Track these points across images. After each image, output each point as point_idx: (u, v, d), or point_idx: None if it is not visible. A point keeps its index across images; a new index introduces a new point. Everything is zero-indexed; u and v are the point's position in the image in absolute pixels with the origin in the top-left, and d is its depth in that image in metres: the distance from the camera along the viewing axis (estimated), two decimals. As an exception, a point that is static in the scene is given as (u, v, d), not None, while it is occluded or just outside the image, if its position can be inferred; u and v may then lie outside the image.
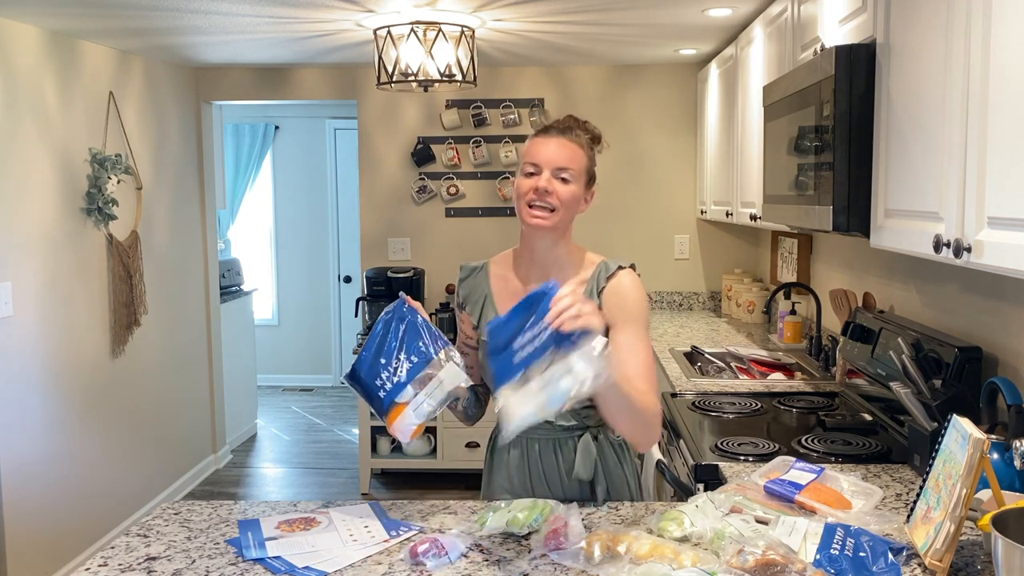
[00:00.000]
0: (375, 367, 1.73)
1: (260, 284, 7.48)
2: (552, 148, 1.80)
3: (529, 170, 1.81)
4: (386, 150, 5.14)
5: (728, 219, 3.99)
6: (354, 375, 1.76)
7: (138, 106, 4.50)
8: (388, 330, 1.75)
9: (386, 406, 1.72)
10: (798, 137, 2.39)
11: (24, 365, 3.55)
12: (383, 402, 1.72)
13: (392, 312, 1.76)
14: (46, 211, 3.69)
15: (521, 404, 1.45)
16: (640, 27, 3.86)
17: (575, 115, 1.89)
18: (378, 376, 1.73)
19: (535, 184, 1.79)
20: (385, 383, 1.72)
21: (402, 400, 1.71)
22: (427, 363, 1.72)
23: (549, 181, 1.78)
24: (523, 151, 1.86)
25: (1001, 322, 2.09)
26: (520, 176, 1.83)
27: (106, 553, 1.61)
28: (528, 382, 1.45)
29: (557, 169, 1.79)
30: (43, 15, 3.43)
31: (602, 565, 1.48)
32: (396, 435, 1.74)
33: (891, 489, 1.92)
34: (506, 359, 1.48)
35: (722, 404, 2.75)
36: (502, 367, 1.49)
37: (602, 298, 1.82)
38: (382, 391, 1.72)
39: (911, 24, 1.82)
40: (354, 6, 3.35)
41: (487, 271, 1.96)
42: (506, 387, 1.48)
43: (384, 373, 1.72)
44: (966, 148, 1.56)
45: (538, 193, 1.78)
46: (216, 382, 5.38)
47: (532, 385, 1.45)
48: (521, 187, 1.81)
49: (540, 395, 1.44)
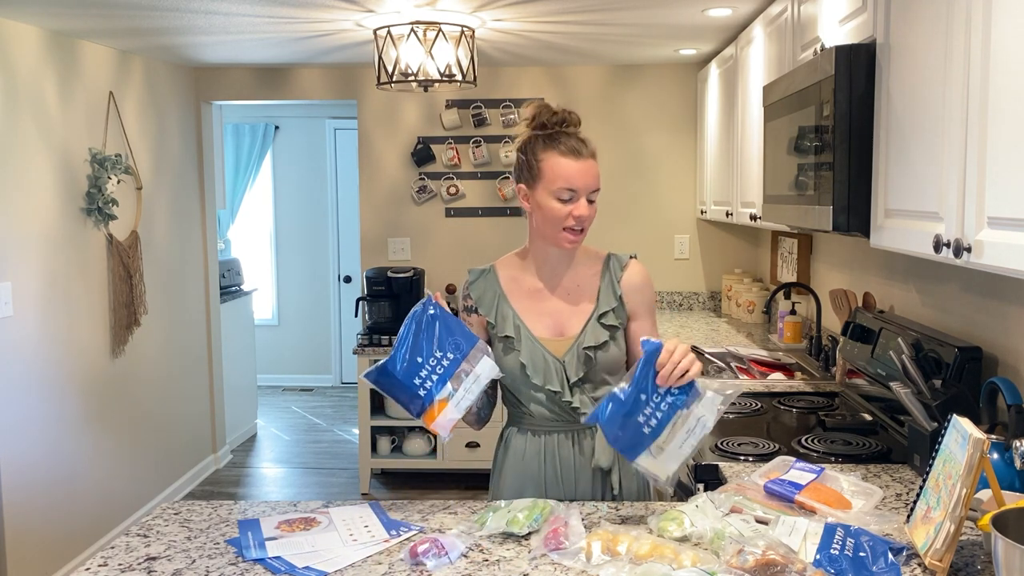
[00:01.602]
0: (412, 366, 1.73)
1: (260, 284, 7.48)
2: (587, 171, 1.82)
3: (566, 196, 1.81)
4: (386, 150, 5.14)
5: (728, 219, 3.99)
6: (385, 375, 1.74)
7: (138, 106, 4.50)
8: (420, 328, 1.75)
9: (427, 404, 1.73)
10: (798, 137, 2.39)
11: (24, 365, 3.55)
12: (424, 400, 1.73)
13: (422, 310, 1.77)
14: (46, 211, 3.69)
15: (666, 464, 1.61)
16: (640, 27, 3.86)
17: (569, 109, 1.88)
18: (416, 375, 1.73)
19: (575, 212, 1.82)
20: (425, 381, 1.73)
21: (443, 396, 1.73)
22: (464, 358, 1.75)
23: (587, 207, 1.83)
24: (546, 167, 1.83)
25: (1001, 322, 2.09)
26: (549, 198, 1.82)
27: (106, 553, 1.61)
28: (662, 448, 1.60)
29: (592, 192, 1.84)
30: (43, 15, 3.43)
31: (602, 565, 1.48)
32: (437, 431, 1.75)
33: (891, 489, 1.92)
34: (635, 432, 1.61)
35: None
36: (633, 442, 1.61)
37: (623, 289, 1.90)
38: (422, 389, 1.73)
39: (911, 24, 1.82)
40: (354, 6, 3.35)
41: (495, 273, 1.97)
42: (643, 456, 1.62)
43: (423, 371, 1.73)
44: (966, 148, 1.56)
45: (578, 220, 1.83)
46: (216, 382, 5.38)
47: (670, 448, 1.60)
48: (558, 212, 1.82)
49: (681, 451, 1.60)
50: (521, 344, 1.88)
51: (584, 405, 1.87)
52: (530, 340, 1.88)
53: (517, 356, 1.87)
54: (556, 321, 1.90)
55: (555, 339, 1.89)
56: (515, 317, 1.90)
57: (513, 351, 1.88)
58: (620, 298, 1.90)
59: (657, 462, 1.61)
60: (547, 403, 1.89)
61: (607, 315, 1.88)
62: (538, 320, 1.90)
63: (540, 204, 1.84)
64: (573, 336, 1.88)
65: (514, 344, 1.88)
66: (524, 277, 1.94)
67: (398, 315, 4.88)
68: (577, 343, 1.87)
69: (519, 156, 1.89)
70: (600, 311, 1.89)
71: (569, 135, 1.84)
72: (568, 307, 1.91)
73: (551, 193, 1.82)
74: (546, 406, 1.89)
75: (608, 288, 1.90)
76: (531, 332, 1.89)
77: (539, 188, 1.84)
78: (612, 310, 1.89)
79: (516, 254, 1.99)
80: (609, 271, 1.92)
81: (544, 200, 1.83)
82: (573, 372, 1.86)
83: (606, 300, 1.90)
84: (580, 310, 1.90)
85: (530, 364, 1.86)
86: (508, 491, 1.94)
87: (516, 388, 1.90)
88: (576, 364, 1.86)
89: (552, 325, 1.90)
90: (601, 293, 1.91)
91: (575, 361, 1.86)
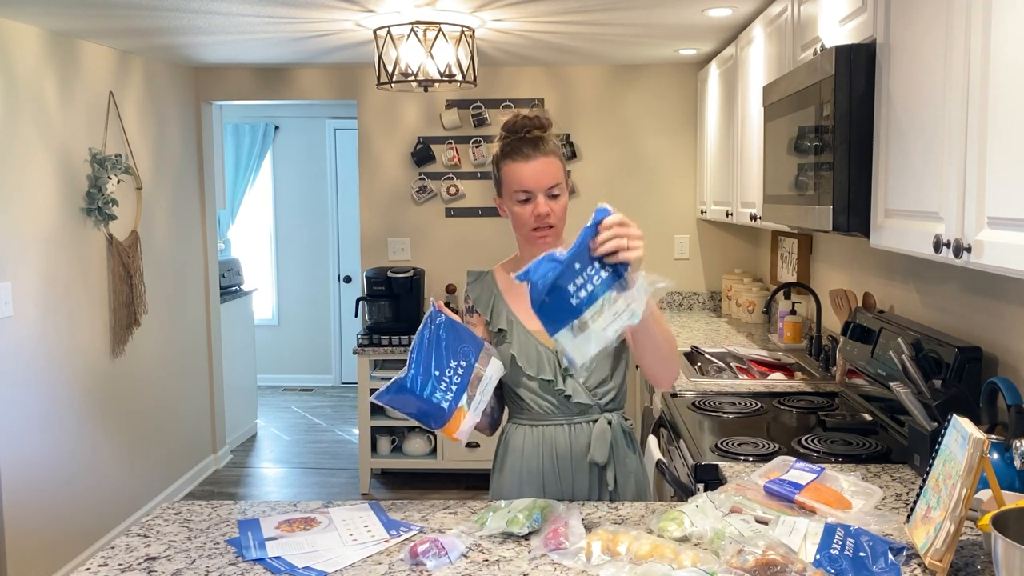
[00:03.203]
0: (430, 380, 1.72)
1: (260, 284, 7.48)
2: (538, 170, 1.84)
3: (522, 198, 1.86)
4: (386, 150, 5.14)
5: (728, 219, 3.99)
6: (403, 391, 1.71)
7: (138, 106, 4.50)
8: (432, 341, 1.74)
9: (450, 415, 1.73)
10: (798, 137, 2.39)
11: (24, 365, 3.55)
12: (447, 412, 1.73)
13: (430, 321, 1.76)
14: (46, 211, 3.69)
15: (585, 345, 1.48)
16: (640, 27, 3.86)
17: (520, 111, 1.91)
18: (437, 389, 1.73)
19: (534, 211, 1.86)
20: (446, 393, 1.73)
21: (462, 404, 1.74)
22: (475, 363, 1.77)
23: (546, 204, 1.85)
24: (505, 176, 1.88)
25: (1001, 322, 2.09)
26: (512, 204, 1.88)
27: (106, 553, 1.61)
28: (586, 324, 1.47)
29: (548, 189, 1.86)
30: (43, 15, 3.43)
31: (602, 565, 1.48)
32: (459, 438, 1.76)
33: (891, 489, 1.92)
34: (559, 303, 1.48)
35: (722, 404, 2.75)
36: (557, 311, 1.48)
37: None
38: (444, 402, 1.73)
39: (911, 24, 1.82)
40: (354, 6, 3.35)
41: (493, 275, 2.03)
42: (564, 331, 1.50)
43: (442, 384, 1.73)
44: (966, 148, 1.56)
45: (539, 219, 1.86)
46: (216, 382, 5.38)
47: (594, 328, 1.47)
48: (521, 216, 1.87)
49: (605, 334, 1.47)
50: (513, 336, 1.92)
51: (577, 394, 1.91)
52: (523, 333, 1.92)
53: (508, 348, 1.92)
54: None
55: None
56: (509, 313, 1.95)
57: (505, 343, 1.93)
58: None
59: (577, 342, 1.49)
60: (541, 392, 1.92)
61: None
62: (531, 315, 1.92)
63: (510, 211, 1.91)
64: None
65: (506, 337, 1.93)
66: None
67: (398, 315, 4.88)
68: None
69: (492, 170, 1.96)
70: None
71: (524, 140, 1.87)
72: None
73: (512, 198, 1.88)
74: (540, 395, 1.92)
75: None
76: (524, 325, 1.93)
77: (505, 197, 1.91)
78: None
79: (511, 260, 2.05)
80: None
81: (510, 206, 1.90)
82: (565, 360, 1.89)
83: None
84: None
85: (522, 355, 1.90)
86: (508, 487, 1.95)
87: (510, 379, 1.93)
88: None
89: None
90: None
91: None
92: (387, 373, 4.83)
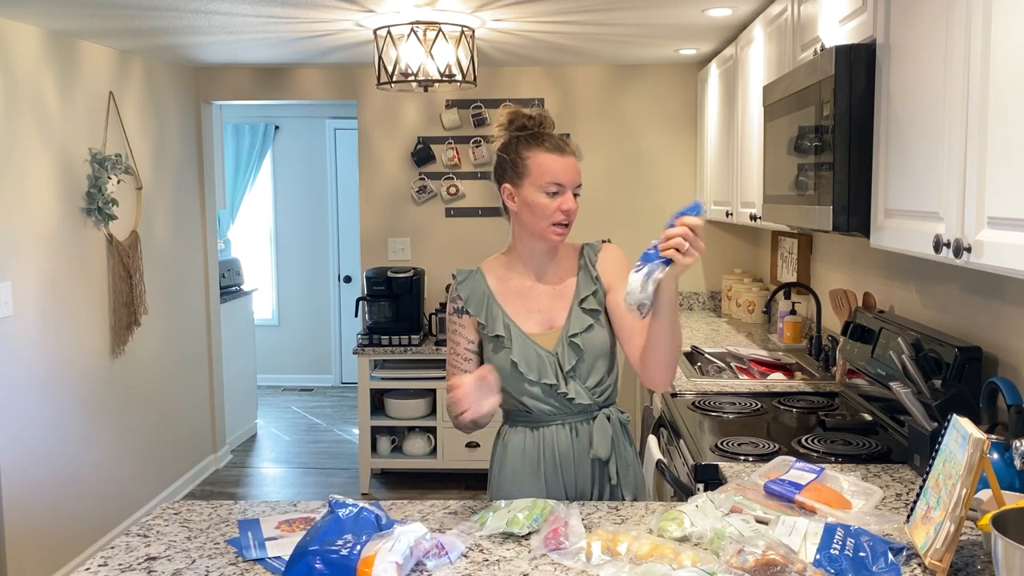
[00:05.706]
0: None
1: (260, 284, 7.48)
2: (570, 167, 1.89)
3: (553, 190, 1.87)
4: (386, 150, 5.14)
5: (728, 219, 3.99)
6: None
7: (138, 106, 4.50)
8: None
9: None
10: (798, 137, 2.39)
11: (24, 365, 3.55)
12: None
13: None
14: (46, 211, 3.69)
15: (633, 283, 1.67)
16: (640, 27, 3.86)
17: (520, 108, 1.95)
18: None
19: (563, 205, 1.87)
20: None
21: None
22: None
23: (573, 201, 1.89)
24: (532, 164, 1.88)
25: (1001, 322, 2.09)
26: (537, 194, 1.87)
27: (106, 553, 1.61)
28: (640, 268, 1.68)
29: (576, 187, 1.90)
30: (43, 15, 3.43)
31: (602, 565, 1.48)
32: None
33: (891, 489, 1.92)
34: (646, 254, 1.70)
35: (722, 404, 2.75)
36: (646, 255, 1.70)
37: (599, 270, 1.96)
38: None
39: (911, 24, 1.82)
40: (354, 6, 3.35)
41: (482, 273, 2.00)
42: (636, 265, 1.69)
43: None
44: (966, 148, 1.56)
45: (567, 214, 1.88)
46: (216, 382, 5.38)
47: (639, 273, 1.67)
48: (546, 207, 1.87)
49: (636, 277, 1.66)
50: (512, 342, 1.91)
51: (579, 395, 1.90)
52: (521, 337, 1.92)
53: (508, 354, 1.90)
54: (545, 316, 1.95)
55: (545, 333, 1.93)
56: (504, 316, 1.94)
57: (504, 349, 1.91)
58: (597, 279, 1.95)
59: (636, 276, 1.66)
60: (543, 397, 1.91)
61: (587, 300, 1.93)
62: (528, 317, 1.94)
63: (528, 201, 1.88)
64: (560, 327, 1.93)
65: (504, 343, 1.92)
66: (511, 276, 1.98)
67: (398, 315, 4.88)
68: (564, 333, 1.91)
69: (501, 157, 1.94)
70: (580, 297, 1.94)
71: (549, 135, 1.91)
72: (555, 300, 1.96)
73: (539, 188, 1.87)
74: (543, 400, 1.92)
75: (585, 274, 1.96)
76: (521, 329, 1.93)
77: (526, 185, 1.88)
78: (592, 294, 1.94)
79: (500, 256, 2.03)
80: (584, 258, 1.98)
81: (532, 196, 1.87)
82: (566, 362, 1.90)
83: (585, 286, 1.95)
84: (565, 302, 1.95)
85: (523, 361, 1.90)
86: (508, 487, 1.95)
87: (510, 385, 1.92)
88: (567, 354, 1.90)
89: (542, 320, 1.94)
90: (580, 281, 1.96)
91: (566, 351, 1.90)
92: (387, 373, 4.83)
